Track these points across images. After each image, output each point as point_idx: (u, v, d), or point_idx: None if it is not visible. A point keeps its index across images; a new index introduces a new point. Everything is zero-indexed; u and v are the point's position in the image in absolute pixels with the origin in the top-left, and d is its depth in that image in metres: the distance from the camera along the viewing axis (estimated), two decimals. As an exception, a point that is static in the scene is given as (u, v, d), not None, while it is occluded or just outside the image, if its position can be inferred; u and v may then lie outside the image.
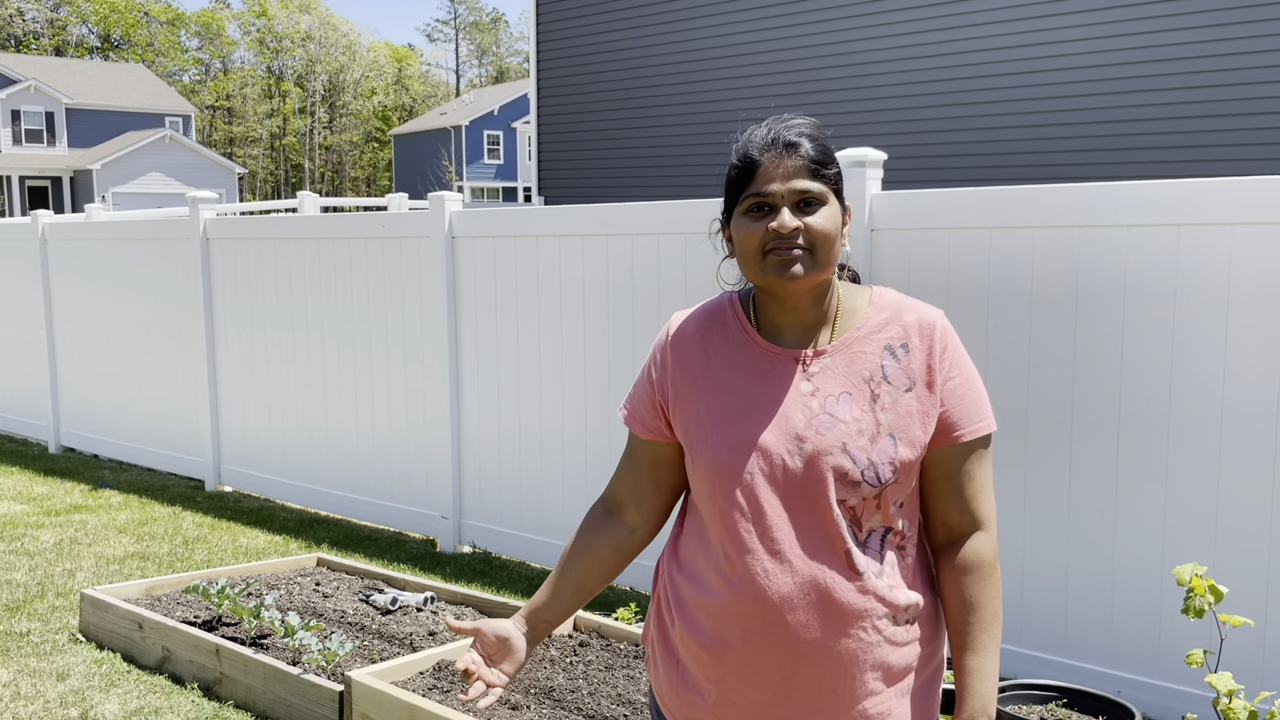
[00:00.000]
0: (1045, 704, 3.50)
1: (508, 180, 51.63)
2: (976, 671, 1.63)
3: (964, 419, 1.65)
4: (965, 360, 1.68)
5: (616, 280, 5.19)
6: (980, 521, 1.67)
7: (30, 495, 7.30)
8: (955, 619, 1.66)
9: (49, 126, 42.12)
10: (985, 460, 1.67)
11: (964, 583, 1.65)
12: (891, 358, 1.64)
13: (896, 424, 1.61)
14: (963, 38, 10.71)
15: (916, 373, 1.64)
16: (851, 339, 1.66)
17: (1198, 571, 2.87)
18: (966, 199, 4.07)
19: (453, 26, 79.33)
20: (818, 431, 1.60)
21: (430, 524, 6.12)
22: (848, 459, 1.59)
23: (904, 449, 1.61)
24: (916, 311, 1.68)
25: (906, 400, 1.63)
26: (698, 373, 1.70)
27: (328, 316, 6.55)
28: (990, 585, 1.65)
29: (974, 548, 1.66)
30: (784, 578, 1.59)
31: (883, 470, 1.59)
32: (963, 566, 1.65)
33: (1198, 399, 3.63)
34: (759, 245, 1.60)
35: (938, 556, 1.69)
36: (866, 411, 1.61)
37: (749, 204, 1.62)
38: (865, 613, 1.59)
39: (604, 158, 14.22)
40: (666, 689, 1.73)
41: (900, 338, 1.65)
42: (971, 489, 1.66)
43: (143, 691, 4.06)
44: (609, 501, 1.82)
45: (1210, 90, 9.26)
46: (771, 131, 1.64)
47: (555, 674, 3.76)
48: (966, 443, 1.65)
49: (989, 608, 1.65)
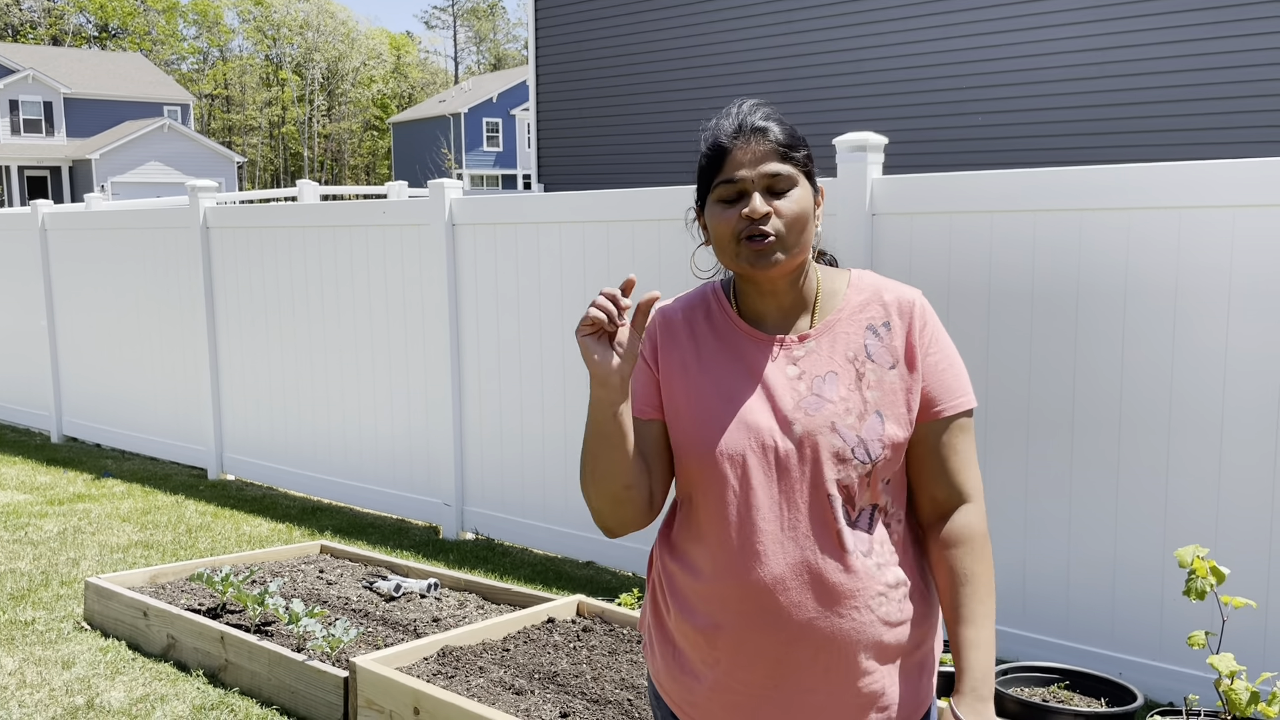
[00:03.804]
0: (1047, 686, 3.51)
1: (507, 168, 51.53)
2: (974, 643, 1.63)
3: (944, 394, 1.67)
4: (944, 337, 1.70)
5: (618, 266, 5.18)
6: (967, 494, 1.68)
7: (33, 485, 7.31)
8: (948, 592, 1.66)
9: (47, 116, 42.04)
10: (968, 434, 1.69)
11: (955, 555, 1.66)
12: (874, 336, 1.67)
13: (883, 401, 1.64)
14: (963, 21, 10.67)
15: (898, 351, 1.66)
16: (834, 320, 1.68)
17: (1199, 553, 2.88)
18: (968, 183, 4.06)
19: (450, 13, 79.06)
20: (806, 413, 1.62)
21: (433, 511, 6.13)
22: (838, 438, 1.61)
23: (892, 425, 1.63)
24: (895, 291, 1.70)
25: (891, 377, 1.65)
26: (687, 359, 1.71)
27: (328, 304, 6.55)
28: (982, 557, 1.66)
29: (963, 520, 1.67)
30: (775, 559, 1.60)
31: (872, 447, 1.61)
32: (953, 539, 1.66)
33: (1199, 382, 3.63)
34: (733, 232, 1.62)
35: (927, 533, 1.70)
36: (853, 390, 1.64)
37: (721, 191, 1.64)
38: (856, 592, 1.60)
39: (604, 144, 14.19)
40: (664, 674, 1.74)
41: (881, 317, 1.68)
42: (956, 462, 1.67)
43: (148, 679, 4.08)
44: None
45: (1211, 73, 9.23)
46: (739, 118, 1.66)
47: (559, 659, 3.78)
48: (948, 417, 1.67)
49: (982, 579, 1.65)
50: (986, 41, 10.54)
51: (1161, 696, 3.72)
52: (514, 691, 3.51)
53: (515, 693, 3.50)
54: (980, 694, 1.62)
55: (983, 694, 1.62)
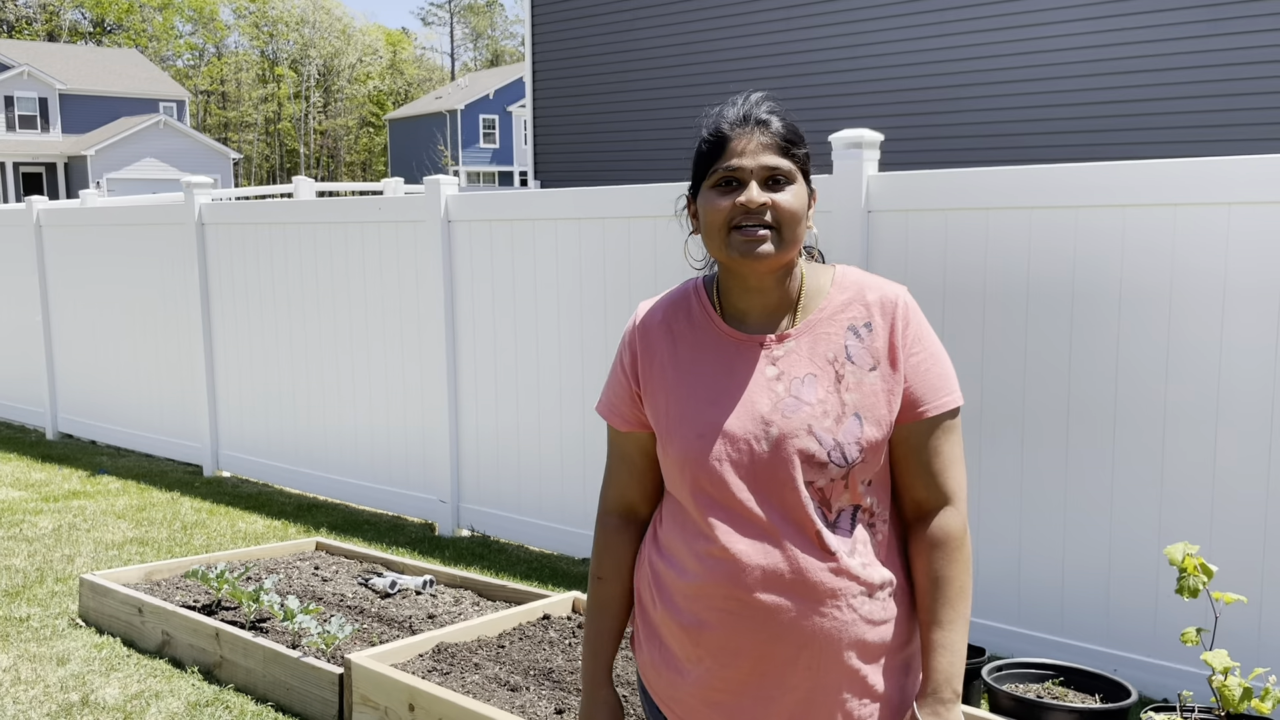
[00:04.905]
0: (1042, 682, 3.52)
1: (504, 165, 51.47)
2: (940, 646, 1.63)
3: (928, 395, 1.65)
4: (929, 336, 1.68)
5: (614, 262, 5.18)
6: (949, 496, 1.67)
7: (28, 481, 7.30)
8: (923, 594, 1.67)
9: (42, 112, 41.94)
10: (952, 435, 1.67)
11: (932, 558, 1.65)
12: (855, 338, 1.65)
13: (862, 404, 1.62)
14: (960, 18, 10.68)
15: (880, 351, 1.65)
16: (815, 320, 1.67)
17: (1189, 551, 2.88)
18: (964, 180, 4.07)
19: (447, 10, 78.96)
20: (783, 415, 1.61)
21: (429, 508, 6.13)
22: (814, 441, 1.60)
23: (870, 428, 1.61)
24: (879, 290, 1.68)
25: (871, 379, 1.63)
26: (666, 362, 1.71)
27: (324, 301, 6.55)
28: (957, 560, 1.65)
29: (941, 523, 1.66)
30: (757, 560, 1.60)
31: (849, 450, 1.60)
32: (930, 542, 1.66)
33: (1194, 378, 3.63)
34: (725, 220, 1.61)
35: (909, 532, 1.70)
36: (831, 393, 1.62)
37: (717, 178, 1.62)
38: (839, 592, 1.60)
39: (600, 141, 14.18)
40: (650, 669, 1.75)
41: (863, 317, 1.66)
42: (939, 464, 1.66)
43: (143, 675, 4.08)
44: (621, 510, 1.81)
45: (1206, 71, 9.24)
46: (743, 108, 1.64)
47: (554, 655, 3.78)
48: (932, 418, 1.65)
49: (955, 582, 1.65)
50: (982, 39, 10.55)
51: (1156, 693, 3.72)
52: (509, 688, 3.51)
53: (510, 689, 3.50)
54: (941, 697, 1.62)
55: (944, 697, 1.62)
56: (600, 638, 1.82)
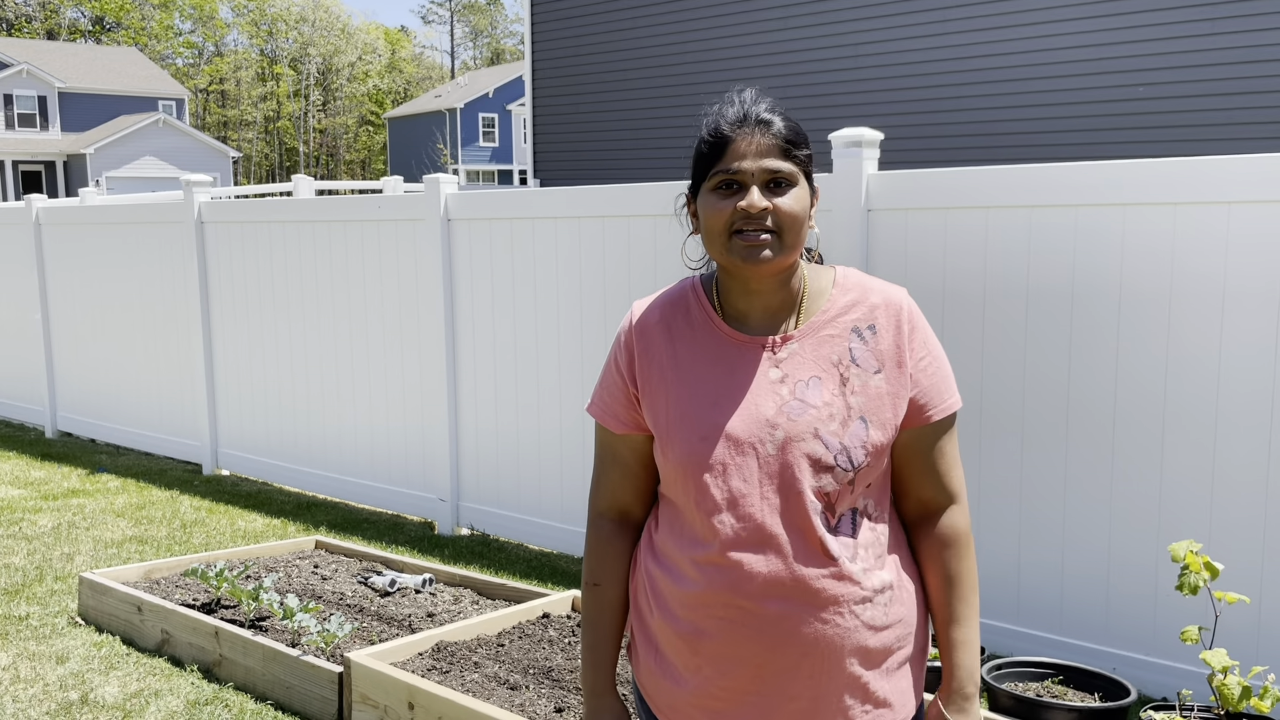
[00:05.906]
0: (1041, 681, 3.52)
1: (503, 163, 51.45)
2: (960, 642, 1.65)
3: (935, 399, 1.65)
4: (932, 339, 1.68)
5: (613, 261, 5.18)
6: (954, 495, 1.68)
7: (27, 480, 7.30)
8: (937, 593, 1.67)
9: (42, 110, 41.91)
10: (953, 434, 1.69)
11: (944, 556, 1.66)
12: (859, 340, 1.63)
13: (867, 406, 1.60)
14: (959, 17, 10.67)
15: (886, 354, 1.63)
16: (818, 323, 1.64)
17: (1193, 548, 2.88)
18: (964, 179, 4.06)
19: (447, 8, 78.94)
20: (789, 418, 1.59)
21: (428, 507, 6.13)
22: (820, 444, 1.57)
23: (875, 431, 1.60)
24: (882, 292, 1.67)
25: (876, 382, 1.62)
26: (664, 363, 1.67)
27: (324, 299, 6.55)
28: (967, 557, 1.67)
29: (950, 521, 1.67)
30: (758, 566, 1.57)
31: (855, 454, 1.58)
32: (942, 541, 1.66)
33: (1194, 378, 3.63)
34: (726, 224, 1.58)
35: (915, 533, 1.69)
36: (837, 395, 1.60)
37: (718, 180, 1.59)
38: (840, 598, 1.58)
39: (600, 140, 14.18)
40: (647, 677, 1.72)
41: (867, 319, 1.64)
42: (944, 464, 1.67)
43: (142, 674, 4.07)
44: (615, 513, 1.77)
45: (1205, 70, 9.24)
46: (743, 107, 1.61)
47: (554, 654, 3.78)
48: (938, 421, 1.65)
49: (968, 579, 1.67)
50: (982, 38, 10.55)
51: (1155, 691, 3.72)
52: (509, 687, 3.51)
53: (510, 688, 3.50)
54: (966, 692, 1.64)
55: (968, 692, 1.64)
56: (600, 646, 1.77)
